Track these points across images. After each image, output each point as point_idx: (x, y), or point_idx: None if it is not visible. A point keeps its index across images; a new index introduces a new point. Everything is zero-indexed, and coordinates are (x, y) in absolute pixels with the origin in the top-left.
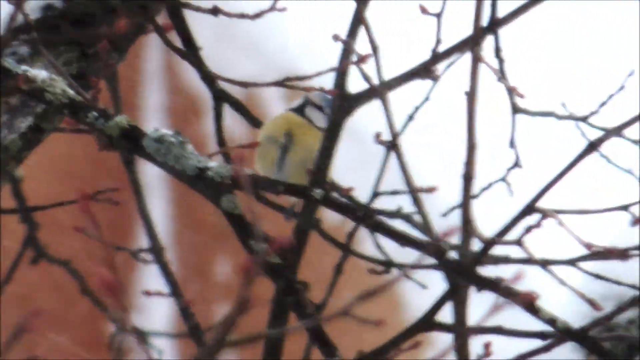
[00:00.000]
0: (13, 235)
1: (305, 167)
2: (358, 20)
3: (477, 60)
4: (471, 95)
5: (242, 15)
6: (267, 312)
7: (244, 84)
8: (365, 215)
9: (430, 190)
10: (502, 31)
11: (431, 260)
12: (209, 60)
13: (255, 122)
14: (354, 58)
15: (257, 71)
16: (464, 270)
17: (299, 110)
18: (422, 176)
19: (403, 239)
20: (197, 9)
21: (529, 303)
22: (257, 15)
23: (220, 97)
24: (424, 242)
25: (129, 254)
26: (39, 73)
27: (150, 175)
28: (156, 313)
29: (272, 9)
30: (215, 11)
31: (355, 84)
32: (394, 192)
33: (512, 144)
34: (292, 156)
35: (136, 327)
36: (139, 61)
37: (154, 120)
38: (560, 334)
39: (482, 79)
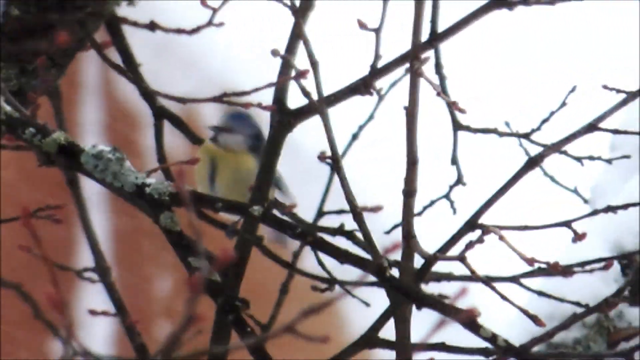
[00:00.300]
0: None
1: (234, 191)
2: (297, 35)
3: (416, 75)
4: (411, 111)
5: (179, 31)
6: (209, 331)
7: (182, 100)
8: (304, 233)
9: (376, 209)
10: (443, 47)
11: (373, 278)
12: (148, 76)
13: (194, 138)
14: (293, 73)
15: (196, 87)
16: (404, 288)
17: (214, 139)
18: (369, 193)
19: (343, 257)
20: (135, 24)
21: (470, 320)
22: (194, 31)
23: (161, 114)
24: (364, 260)
25: (74, 273)
26: None
27: (91, 191)
28: (97, 332)
29: (209, 24)
30: (152, 26)
31: (295, 100)
32: (340, 211)
33: (454, 161)
34: (219, 186)
35: (82, 344)
36: (77, 77)
37: (93, 136)
38: (502, 351)
39: (424, 95)
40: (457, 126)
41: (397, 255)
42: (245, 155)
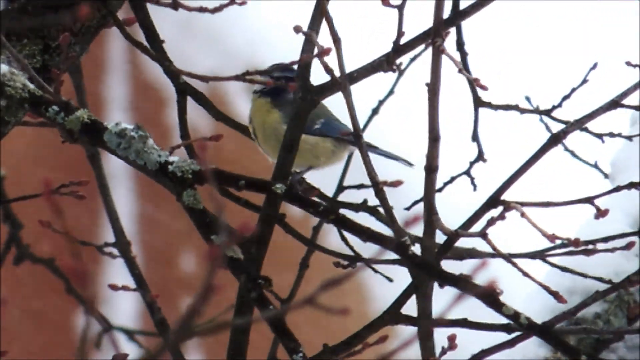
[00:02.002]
0: None
1: (268, 141)
2: (320, 12)
3: (438, 52)
4: (433, 88)
5: (202, 9)
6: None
7: (204, 78)
8: (327, 210)
9: (396, 184)
10: (465, 25)
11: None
12: (172, 53)
13: (218, 114)
14: (316, 50)
15: (220, 64)
16: (426, 265)
17: (266, 92)
18: (388, 170)
19: (365, 234)
20: (157, 2)
21: (492, 298)
22: (217, 9)
23: (184, 91)
24: (386, 237)
25: (95, 249)
26: None
27: (115, 166)
28: (121, 307)
29: (231, 2)
30: (175, 5)
31: (317, 77)
32: (360, 186)
33: (475, 138)
34: (258, 137)
35: (104, 317)
36: (102, 53)
37: (118, 113)
38: (524, 328)
39: (445, 72)
40: (478, 103)
41: (417, 229)
42: (270, 112)
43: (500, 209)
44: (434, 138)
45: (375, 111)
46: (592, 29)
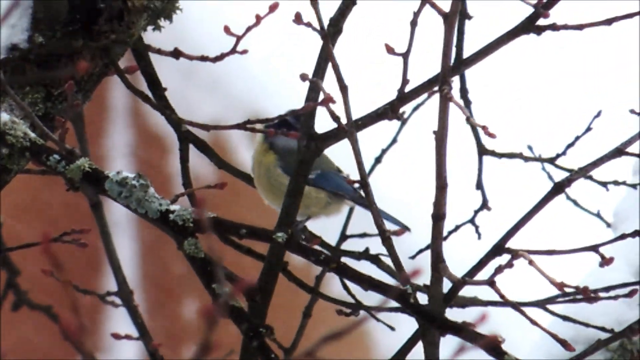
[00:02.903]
0: None
1: (261, 182)
2: (325, 59)
3: (445, 99)
4: (440, 135)
5: (203, 58)
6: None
7: (206, 127)
8: (328, 259)
9: (400, 232)
10: (468, 74)
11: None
12: (175, 100)
13: (220, 162)
14: (321, 97)
15: (222, 110)
16: (428, 313)
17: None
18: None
19: (367, 283)
20: (159, 51)
21: (494, 347)
22: (218, 58)
23: (186, 139)
24: (387, 286)
25: (98, 298)
26: (0, 116)
27: (119, 213)
28: (124, 356)
29: (233, 51)
30: (176, 54)
31: (323, 123)
32: (363, 235)
33: (479, 186)
34: (254, 177)
35: None
36: (105, 101)
37: (121, 160)
38: None
39: (449, 118)
40: (482, 150)
41: (419, 280)
42: (267, 153)
43: (505, 256)
44: (441, 186)
45: (378, 160)
46: (595, 77)
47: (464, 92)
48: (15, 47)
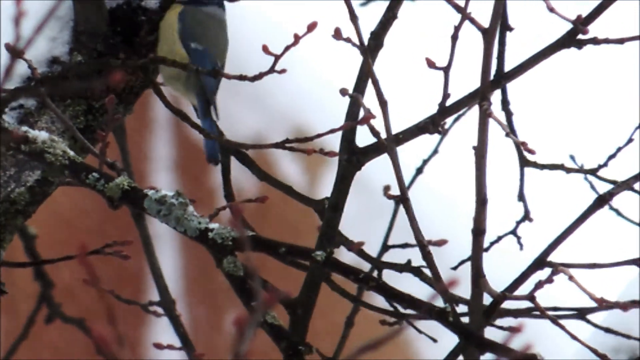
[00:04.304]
0: (25, 294)
1: (162, 34)
2: (365, 74)
3: (485, 115)
4: (480, 150)
5: (242, 77)
6: None
7: (244, 146)
8: (368, 277)
9: (440, 243)
10: (510, 84)
11: None
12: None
13: (262, 174)
14: (362, 112)
15: (265, 125)
16: (467, 331)
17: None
18: (432, 229)
19: (406, 301)
20: (197, 70)
21: None
22: (256, 78)
23: (227, 150)
24: (426, 304)
25: (140, 307)
26: (39, 134)
27: (161, 225)
28: None
29: (271, 70)
30: (214, 73)
31: (363, 137)
32: (404, 245)
33: (521, 197)
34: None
35: None
36: (148, 113)
37: (162, 172)
38: None
39: (489, 130)
40: (523, 162)
41: (460, 289)
42: (177, 7)
43: (547, 270)
44: (481, 201)
45: (419, 170)
46: (637, 88)
47: (505, 103)
48: (56, 60)
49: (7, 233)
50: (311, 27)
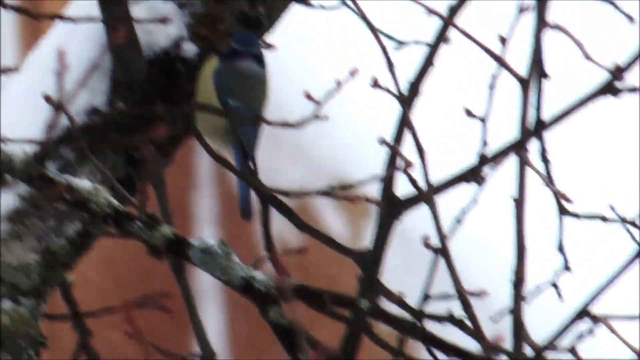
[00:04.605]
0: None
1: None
2: (403, 122)
3: (523, 164)
4: (519, 201)
5: (285, 124)
6: None
7: (286, 193)
8: (412, 327)
9: (481, 294)
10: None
11: None
12: (259, 164)
13: (302, 225)
14: (400, 162)
15: (307, 175)
16: None
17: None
18: (471, 278)
19: (452, 351)
20: (239, 117)
21: None
22: (299, 125)
23: (266, 202)
24: (471, 355)
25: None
26: (83, 183)
27: (204, 280)
28: None
29: (315, 117)
30: (257, 119)
31: (403, 187)
32: (444, 296)
33: (559, 247)
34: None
35: None
36: (190, 165)
37: (204, 224)
38: None
39: (528, 179)
40: (562, 211)
41: (504, 344)
42: (212, 59)
43: (587, 321)
44: (520, 251)
45: (458, 220)
46: None
47: (542, 152)
48: (96, 110)
49: (48, 286)
50: (353, 73)
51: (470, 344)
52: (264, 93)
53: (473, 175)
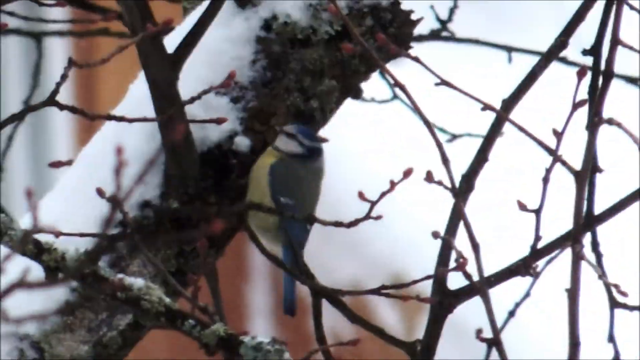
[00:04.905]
0: None
1: (253, 184)
2: (457, 216)
3: (577, 258)
4: (572, 294)
5: (337, 224)
6: None
7: (340, 292)
8: None
9: None
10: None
11: None
12: (312, 259)
13: (354, 317)
14: (454, 255)
15: (361, 271)
16: None
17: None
18: None
19: None
20: (292, 217)
21: None
22: (352, 224)
23: (318, 294)
24: None
25: None
26: (135, 281)
27: None
28: None
29: (367, 217)
30: (310, 218)
31: (456, 280)
32: None
33: (611, 339)
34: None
35: None
36: (244, 259)
37: (257, 317)
38: None
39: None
40: (613, 303)
41: None
42: (271, 154)
43: None
44: (574, 343)
45: (511, 313)
46: None
47: (595, 245)
48: (148, 203)
49: None
50: (407, 173)
51: None
52: (319, 188)
53: (526, 268)
